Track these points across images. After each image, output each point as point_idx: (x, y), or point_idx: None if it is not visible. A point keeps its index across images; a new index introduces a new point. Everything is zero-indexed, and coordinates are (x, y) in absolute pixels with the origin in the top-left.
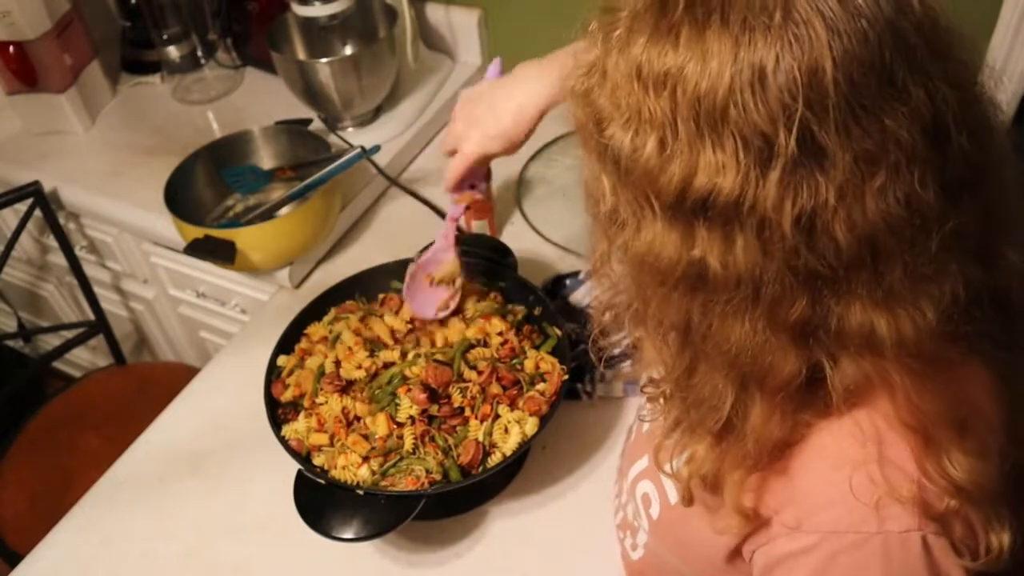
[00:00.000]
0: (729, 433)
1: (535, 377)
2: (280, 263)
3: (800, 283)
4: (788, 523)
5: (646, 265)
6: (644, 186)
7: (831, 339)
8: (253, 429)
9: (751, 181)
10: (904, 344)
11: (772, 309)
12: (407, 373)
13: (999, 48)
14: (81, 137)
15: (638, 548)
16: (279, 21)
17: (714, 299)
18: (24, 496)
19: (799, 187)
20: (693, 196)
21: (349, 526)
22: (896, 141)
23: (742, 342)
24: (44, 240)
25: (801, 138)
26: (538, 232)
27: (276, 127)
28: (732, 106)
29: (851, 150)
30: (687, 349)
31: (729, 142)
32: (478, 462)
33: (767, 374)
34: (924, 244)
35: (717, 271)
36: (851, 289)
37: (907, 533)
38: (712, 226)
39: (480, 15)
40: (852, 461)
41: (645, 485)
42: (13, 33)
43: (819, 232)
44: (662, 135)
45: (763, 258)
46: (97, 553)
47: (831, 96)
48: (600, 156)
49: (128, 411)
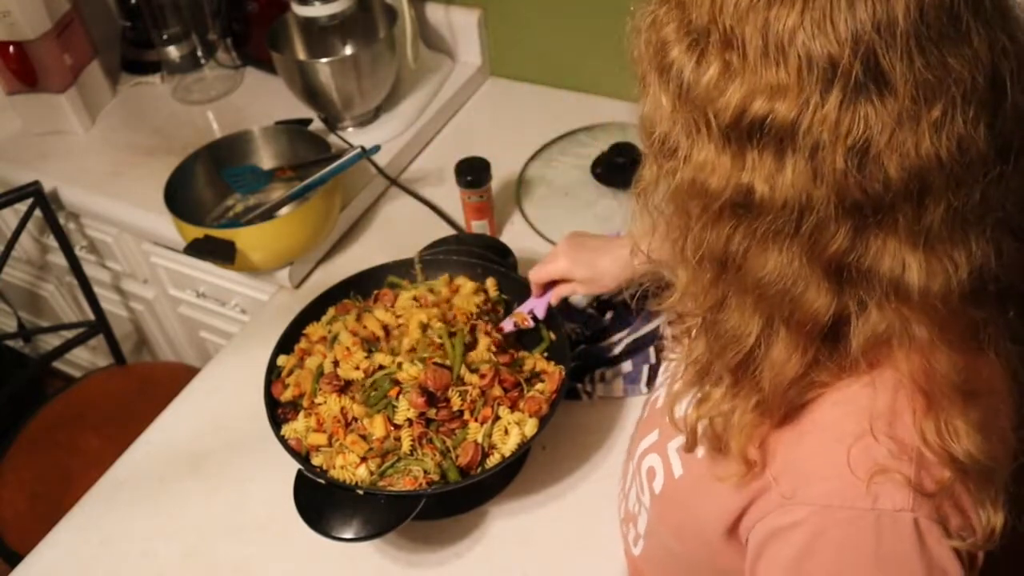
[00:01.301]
0: (746, 370)
1: (533, 376)
2: (280, 263)
3: (844, 212)
4: (784, 492)
5: (693, 189)
6: (704, 106)
7: (862, 280)
8: (253, 429)
9: (811, 105)
10: (931, 293)
11: (812, 238)
12: (399, 376)
13: None
14: (81, 137)
15: (640, 540)
16: (279, 21)
17: (756, 224)
18: (24, 496)
19: (857, 113)
20: (750, 118)
21: (349, 526)
22: (957, 79)
23: (777, 271)
24: (44, 240)
25: (866, 62)
26: (538, 232)
27: (276, 127)
28: (802, 29)
29: (912, 80)
30: (722, 279)
31: (793, 63)
32: (477, 463)
33: (796, 307)
34: (969, 188)
35: (764, 193)
36: (892, 224)
37: (900, 512)
38: (765, 149)
39: (480, 15)
40: (854, 434)
41: (651, 459)
42: (13, 33)
43: (871, 161)
44: (727, 55)
45: (812, 183)
46: (97, 553)
47: (899, 23)
48: (663, 78)
49: (128, 411)
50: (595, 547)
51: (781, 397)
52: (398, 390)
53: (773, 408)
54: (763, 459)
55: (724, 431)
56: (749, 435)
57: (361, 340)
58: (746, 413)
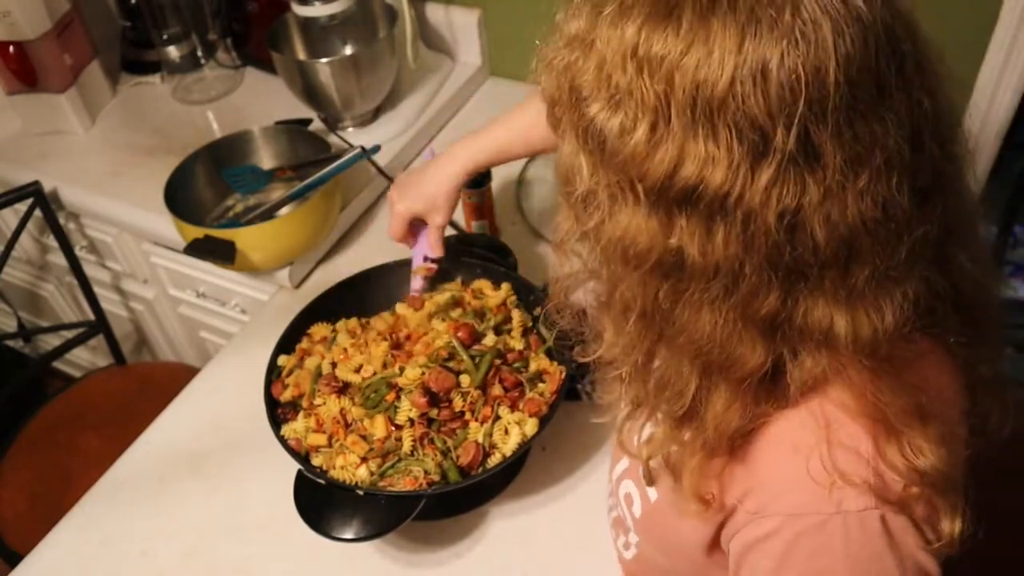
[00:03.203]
0: (690, 419)
1: (535, 377)
2: (280, 263)
3: (777, 277)
4: (751, 510)
5: (620, 249)
6: (629, 170)
7: (794, 333)
8: (253, 429)
9: (741, 176)
10: (859, 343)
11: (746, 301)
12: (398, 381)
13: (999, 47)
14: (81, 137)
15: (631, 547)
16: (279, 21)
17: (687, 287)
18: (24, 496)
19: (788, 185)
20: (679, 185)
21: (349, 526)
22: (882, 146)
23: (711, 331)
24: (44, 240)
25: (799, 137)
26: (538, 232)
27: (276, 127)
28: (731, 98)
29: (842, 152)
30: (649, 333)
31: (724, 134)
32: (478, 463)
33: (733, 364)
34: (895, 248)
35: (696, 260)
36: (820, 286)
37: (865, 512)
38: (694, 216)
39: (480, 15)
40: (807, 445)
41: (627, 485)
42: (13, 33)
43: (801, 229)
44: (654, 120)
45: (744, 252)
46: (97, 553)
47: (831, 97)
48: (581, 135)
49: (128, 411)
50: (595, 547)
51: (728, 439)
52: (395, 395)
53: (720, 448)
54: (720, 490)
55: (679, 468)
56: (701, 472)
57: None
58: (695, 455)
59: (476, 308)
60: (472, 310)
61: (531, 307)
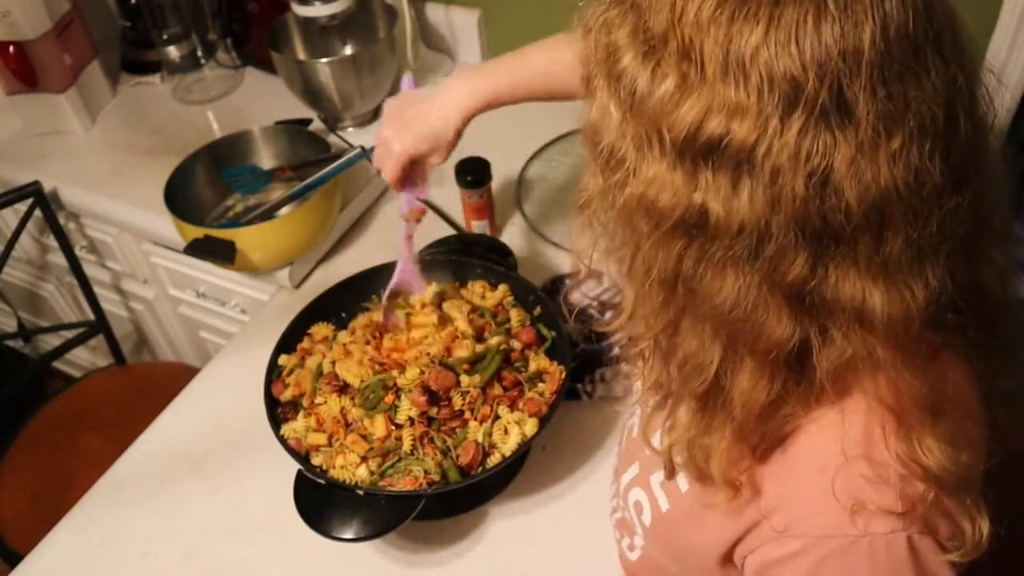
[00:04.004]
0: (714, 397)
1: (535, 377)
2: (280, 263)
3: (804, 240)
4: (776, 527)
5: (642, 206)
6: (657, 119)
7: (824, 307)
8: (253, 429)
9: (770, 127)
10: (892, 321)
11: (771, 264)
12: (397, 381)
13: (999, 47)
14: (81, 137)
15: (635, 549)
16: (279, 21)
17: (711, 247)
18: (24, 496)
19: (818, 140)
20: (706, 136)
21: (349, 526)
22: (916, 110)
23: (735, 297)
24: (44, 240)
25: (831, 89)
26: (538, 232)
27: (276, 127)
28: (765, 49)
29: (875, 110)
30: (673, 302)
31: (755, 84)
32: (477, 463)
33: (759, 335)
34: (927, 219)
35: (720, 217)
36: (852, 253)
37: (892, 534)
38: (720, 170)
39: (480, 15)
40: (835, 464)
41: (636, 493)
42: (13, 33)
43: (831, 189)
44: (685, 68)
45: (770, 209)
46: (97, 553)
47: (866, 53)
48: (613, 85)
49: (128, 411)
50: (595, 547)
51: (755, 423)
52: (394, 396)
53: (749, 433)
54: (752, 491)
55: (704, 461)
56: (730, 460)
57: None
58: (723, 440)
59: (475, 321)
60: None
61: (531, 307)
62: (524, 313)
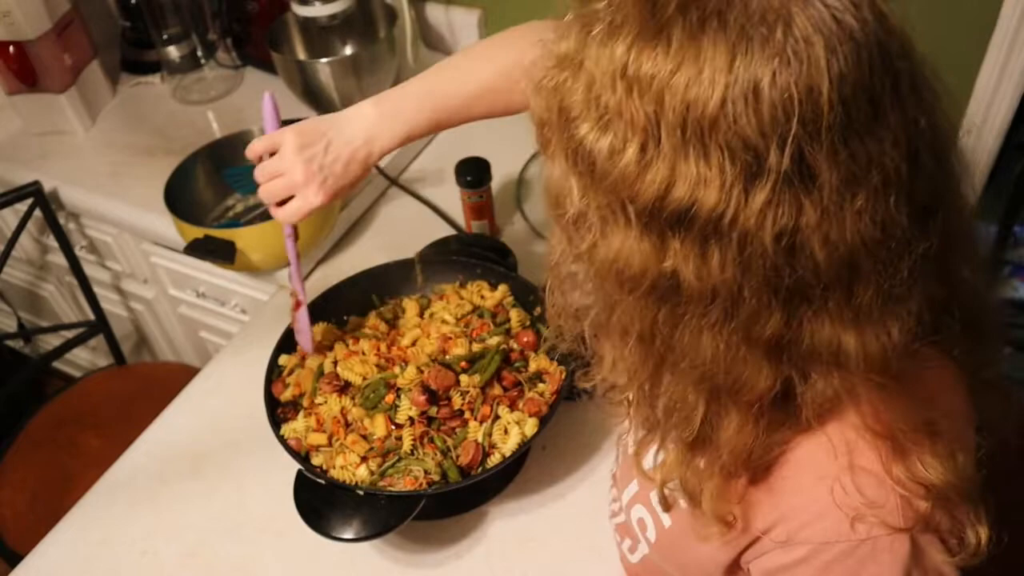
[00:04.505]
0: (702, 444)
1: (535, 377)
2: (280, 263)
3: (777, 300)
4: (779, 539)
5: (613, 272)
6: (619, 192)
7: (802, 355)
8: (253, 429)
9: (735, 197)
10: (869, 361)
11: (747, 324)
12: (397, 381)
13: (999, 47)
14: (81, 137)
15: (636, 551)
16: (279, 21)
17: (685, 311)
18: (24, 496)
19: (784, 206)
20: (671, 207)
21: (349, 526)
22: (878, 164)
23: (714, 356)
24: (44, 240)
25: (793, 157)
26: (538, 232)
27: None
28: (723, 118)
29: (837, 172)
30: (652, 357)
31: (715, 155)
32: (477, 463)
33: (741, 388)
34: (896, 267)
35: (692, 284)
36: (824, 307)
37: (894, 535)
38: (688, 239)
39: (480, 15)
40: (831, 473)
41: (639, 510)
42: (13, 33)
43: (800, 251)
44: (644, 140)
45: (742, 275)
46: (97, 553)
47: (825, 116)
48: (570, 156)
49: (128, 411)
50: (595, 547)
51: (744, 462)
52: (394, 396)
53: (737, 471)
54: (745, 519)
55: (696, 496)
56: (721, 496)
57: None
58: (712, 478)
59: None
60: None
61: (531, 307)
62: (524, 313)
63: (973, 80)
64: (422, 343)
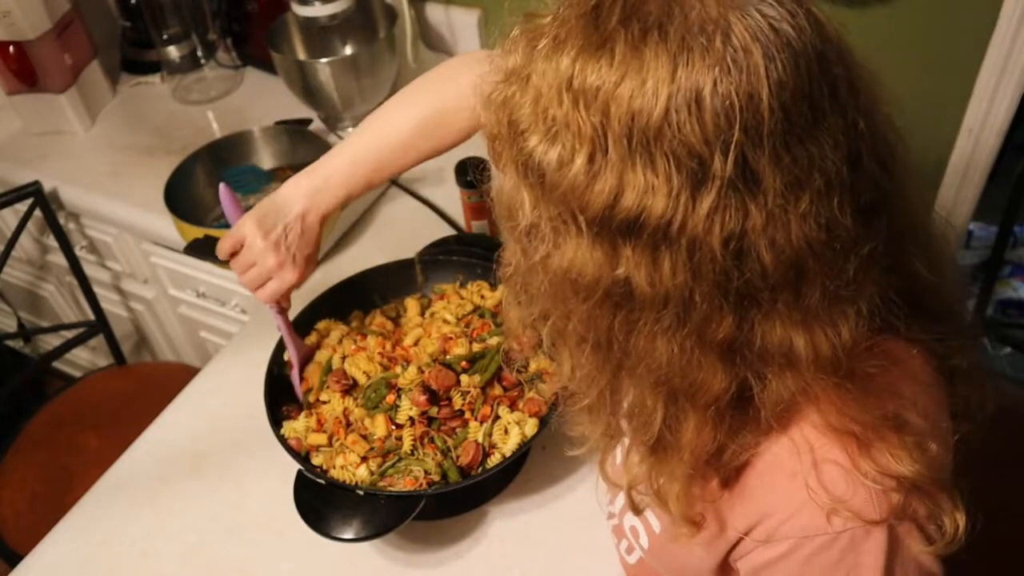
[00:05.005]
0: (663, 446)
1: (535, 377)
2: None
3: (728, 303)
4: (760, 538)
5: (567, 281)
6: (570, 202)
7: (755, 356)
8: (253, 429)
9: (682, 204)
10: (820, 360)
11: (700, 327)
12: (398, 381)
13: (999, 47)
14: (81, 137)
15: (633, 553)
16: (279, 21)
17: (639, 317)
18: (24, 496)
19: (730, 211)
20: (621, 216)
21: (349, 526)
22: (820, 168)
23: (669, 360)
24: (44, 240)
25: (737, 163)
26: None
27: (276, 127)
28: (667, 127)
29: (781, 176)
30: (609, 363)
31: (661, 163)
32: (478, 463)
33: (697, 390)
34: (843, 267)
35: (644, 290)
36: (773, 308)
37: (871, 524)
38: (639, 246)
39: (480, 15)
40: (801, 470)
41: (630, 518)
42: (13, 33)
43: (747, 255)
44: (591, 151)
45: (692, 279)
46: (97, 553)
47: (766, 122)
48: (521, 168)
49: (128, 411)
50: (595, 547)
51: (707, 465)
52: (395, 396)
53: (701, 472)
54: (723, 521)
55: (662, 500)
56: (687, 500)
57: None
58: (676, 480)
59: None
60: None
61: None
62: None
63: (973, 80)
64: (424, 343)
